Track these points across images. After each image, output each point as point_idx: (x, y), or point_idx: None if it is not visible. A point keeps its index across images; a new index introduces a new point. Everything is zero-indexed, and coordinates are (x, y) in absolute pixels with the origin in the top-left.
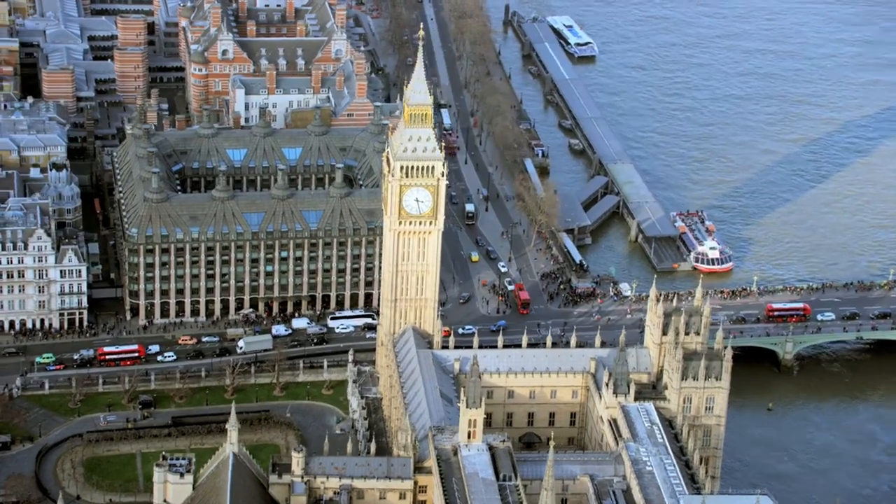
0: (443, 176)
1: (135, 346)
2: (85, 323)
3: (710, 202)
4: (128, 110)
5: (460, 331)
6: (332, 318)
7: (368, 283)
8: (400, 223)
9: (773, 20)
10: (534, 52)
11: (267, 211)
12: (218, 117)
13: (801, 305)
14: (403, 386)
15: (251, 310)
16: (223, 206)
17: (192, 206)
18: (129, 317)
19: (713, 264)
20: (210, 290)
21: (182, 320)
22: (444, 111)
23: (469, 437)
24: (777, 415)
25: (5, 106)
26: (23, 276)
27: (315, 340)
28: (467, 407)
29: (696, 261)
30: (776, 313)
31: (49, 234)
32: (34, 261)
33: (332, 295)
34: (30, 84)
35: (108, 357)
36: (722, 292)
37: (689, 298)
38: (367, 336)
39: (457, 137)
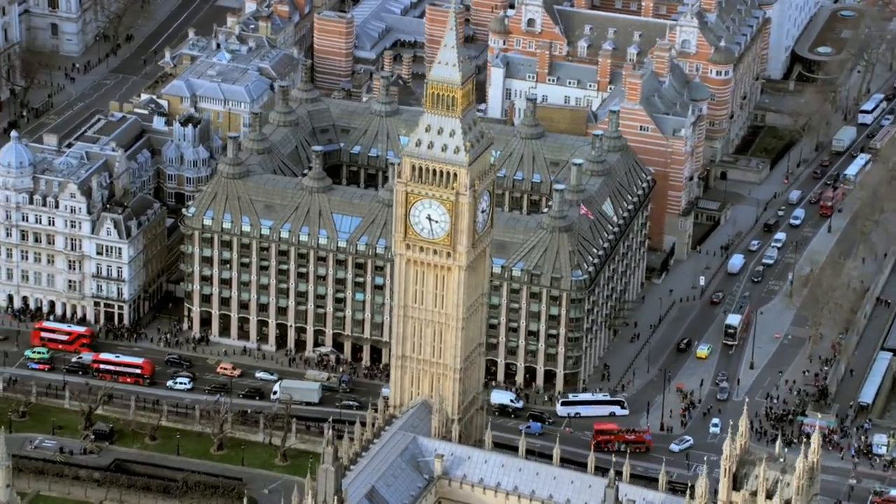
0: (468, 190)
1: (140, 361)
2: (126, 320)
3: None
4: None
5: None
6: (562, 404)
7: (492, 346)
8: (407, 247)
9: None
10: None
11: (365, 217)
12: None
13: None
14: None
15: (331, 349)
16: (311, 199)
17: (270, 191)
18: (185, 325)
19: None
20: (282, 311)
21: (246, 345)
22: (861, 157)
23: None
24: None
25: (217, 45)
26: (52, 243)
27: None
28: None
29: None
30: None
31: (86, 195)
32: (65, 225)
33: None
34: None
35: (103, 368)
36: None
37: None
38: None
39: (843, 195)
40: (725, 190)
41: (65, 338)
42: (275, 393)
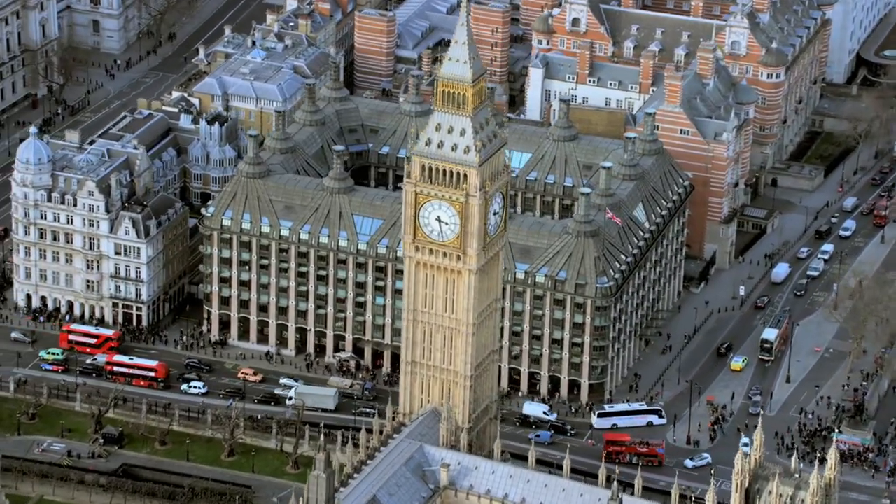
0: (479, 192)
1: (154, 363)
2: (144, 322)
3: None
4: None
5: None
6: (599, 415)
7: (515, 356)
8: (416, 249)
9: None
10: None
11: (386, 219)
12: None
13: None
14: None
15: (351, 354)
16: (331, 200)
17: (291, 191)
18: (205, 327)
19: None
20: (301, 315)
21: (266, 349)
22: None
23: None
24: None
25: (253, 43)
26: (70, 242)
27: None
28: None
29: None
30: None
31: (105, 193)
32: (83, 223)
33: None
34: None
35: (116, 370)
36: None
37: None
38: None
39: None
40: (774, 197)
41: (93, 341)
42: (290, 399)
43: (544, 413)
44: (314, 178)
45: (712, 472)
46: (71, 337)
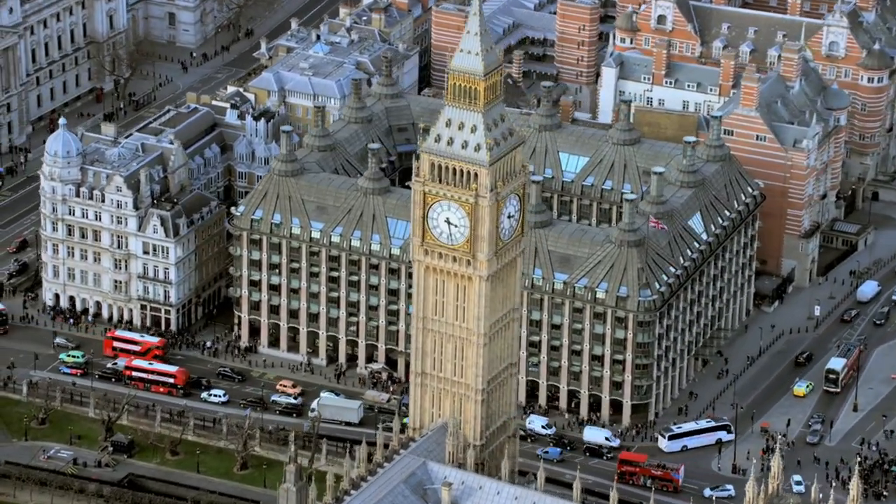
0: (492, 192)
1: (174, 369)
2: (173, 325)
3: None
4: (559, 86)
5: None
6: (669, 437)
7: (553, 372)
8: (426, 252)
9: None
10: None
11: None
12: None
13: None
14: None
15: (383, 366)
16: (365, 201)
17: (324, 191)
18: (235, 333)
19: None
20: (333, 322)
21: (305, 361)
22: None
23: None
24: None
25: (317, 37)
26: (98, 240)
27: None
28: None
29: None
30: None
31: (134, 188)
32: (111, 220)
33: None
34: None
35: (135, 375)
36: None
37: None
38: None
39: None
40: (871, 212)
41: (137, 348)
42: (312, 410)
43: (606, 439)
44: (348, 178)
45: (714, 499)
46: (115, 344)
